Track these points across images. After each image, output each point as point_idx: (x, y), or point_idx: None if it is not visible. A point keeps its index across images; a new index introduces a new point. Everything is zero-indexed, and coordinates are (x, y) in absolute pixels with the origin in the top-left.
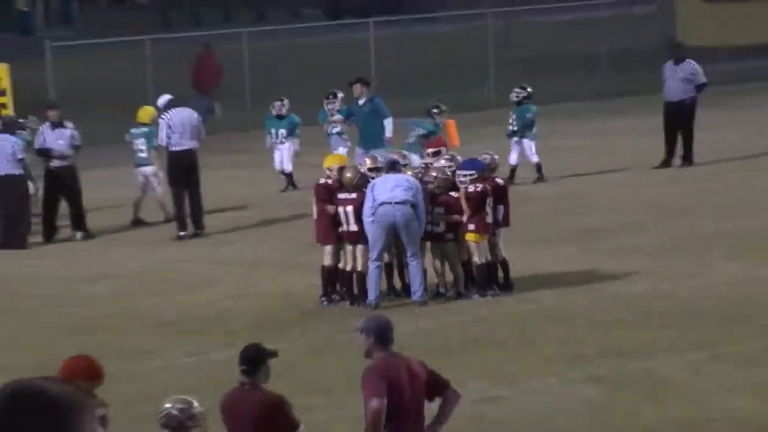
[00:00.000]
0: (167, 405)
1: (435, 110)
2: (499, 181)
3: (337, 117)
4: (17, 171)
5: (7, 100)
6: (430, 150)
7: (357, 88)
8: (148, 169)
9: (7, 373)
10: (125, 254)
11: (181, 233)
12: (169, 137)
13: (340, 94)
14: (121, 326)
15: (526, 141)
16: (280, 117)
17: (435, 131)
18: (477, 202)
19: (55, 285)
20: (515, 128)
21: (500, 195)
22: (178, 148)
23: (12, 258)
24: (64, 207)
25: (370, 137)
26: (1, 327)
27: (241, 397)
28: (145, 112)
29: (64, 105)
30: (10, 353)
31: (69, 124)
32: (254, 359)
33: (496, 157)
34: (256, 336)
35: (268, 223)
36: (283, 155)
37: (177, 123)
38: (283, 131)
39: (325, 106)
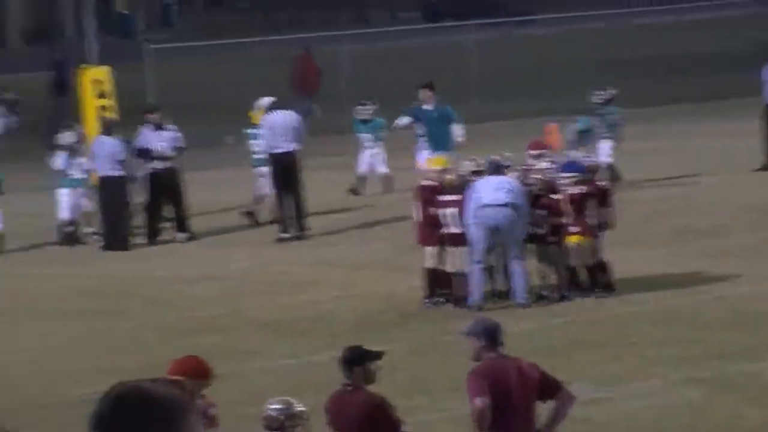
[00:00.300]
0: (268, 406)
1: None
2: (602, 183)
3: (404, 120)
4: (118, 172)
5: (110, 102)
6: (532, 152)
7: (424, 93)
8: (265, 170)
9: (115, 375)
10: (228, 256)
11: (284, 235)
12: (270, 139)
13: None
14: (225, 327)
15: (604, 142)
16: (364, 121)
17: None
18: (579, 204)
19: (159, 287)
20: (603, 130)
21: (604, 197)
22: (279, 151)
23: (116, 260)
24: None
25: (439, 141)
26: (108, 329)
27: (344, 398)
28: (260, 113)
29: (164, 108)
30: (118, 355)
31: (170, 126)
32: (350, 360)
33: (598, 159)
34: (358, 337)
35: (370, 225)
36: (375, 159)
37: (279, 125)
38: (369, 135)
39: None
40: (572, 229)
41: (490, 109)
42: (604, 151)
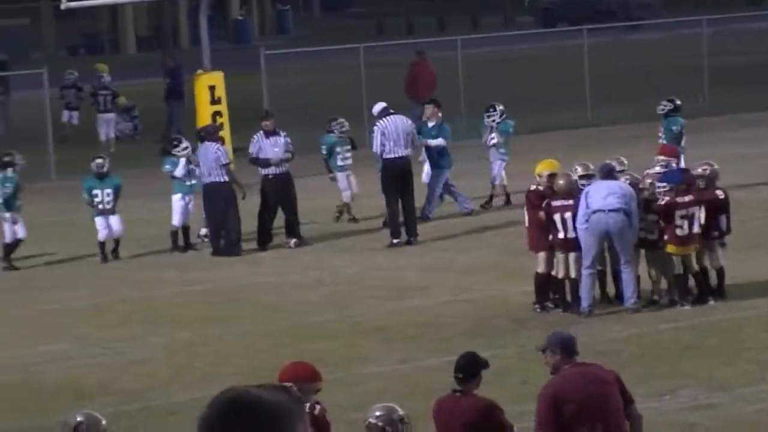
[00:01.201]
0: (371, 414)
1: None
2: (719, 192)
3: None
4: (222, 178)
5: (223, 108)
6: (661, 157)
7: (428, 110)
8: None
9: (224, 381)
10: (338, 261)
11: (395, 240)
12: (383, 145)
13: (500, 107)
14: (335, 333)
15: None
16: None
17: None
18: (663, 216)
19: (270, 292)
20: (664, 140)
21: (718, 206)
22: (392, 156)
23: (228, 265)
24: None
25: (439, 159)
26: (218, 335)
27: (453, 403)
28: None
29: (278, 113)
30: (230, 360)
31: (282, 132)
32: (470, 367)
33: (716, 167)
34: (468, 343)
35: (481, 230)
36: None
37: (391, 131)
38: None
39: (485, 119)
40: (665, 238)
41: (603, 112)
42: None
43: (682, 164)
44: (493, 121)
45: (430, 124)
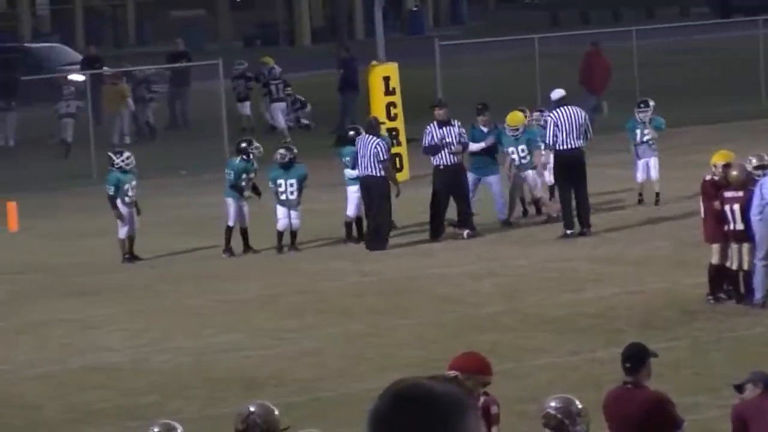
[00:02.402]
0: (548, 404)
1: None
2: None
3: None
4: (379, 172)
5: (397, 99)
6: None
7: (482, 119)
8: (529, 172)
9: (395, 372)
10: (510, 252)
11: (568, 231)
12: (555, 136)
13: (652, 103)
14: (507, 324)
15: None
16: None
17: None
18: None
19: (442, 283)
20: None
21: None
22: (565, 147)
23: (401, 256)
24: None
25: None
26: (390, 326)
27: (623, 395)
28: (515, 118)
29: (452, 104)
30: (402, 351)
31: (456, 122)
32: (637, 357)
33: None
34: (640, 334)
35: (655, 221)
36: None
37: (564, 122)
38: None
39: (636, 114)
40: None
41: None
42: None
43: None
44: (646, 117)
45: (485, 129)
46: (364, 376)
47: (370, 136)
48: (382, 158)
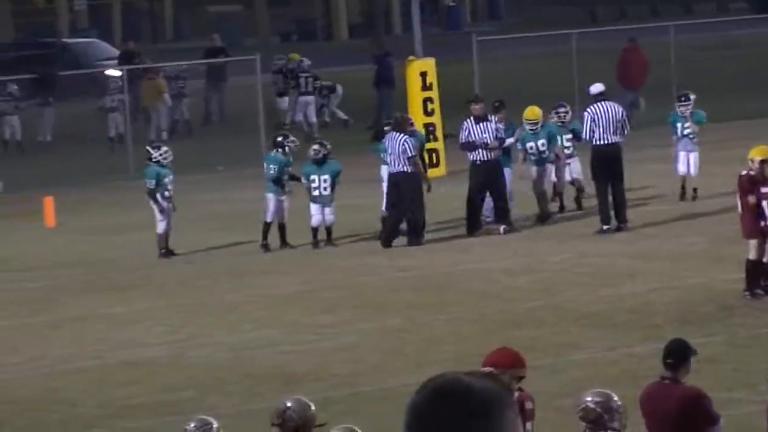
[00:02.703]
0: (586, 398)
1: None
2: None
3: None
4: (410, 168)
5: (434, 94)
6: None
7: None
8: (550, 166)
9: (431, 367)
10: (547, 248)
11: (604, 227)
12: (592, 131)
13: (692, 96)
14: (544, 319)
15: None
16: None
17: None
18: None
19: (479, 279)
20: None
21: None
22: (601, 143)
23: (437, 252)
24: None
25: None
26: (426, 321)
27: (660, 391)
28: (533, 112)
29: (488, 100)
30: (439, 346)
31: (492, 118)
32: (680, 353)
33: None
34: (677, 330)
35: (692, 217)
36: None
37: (601, 117)
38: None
39: (676, 108)
40: None
41: None
42: None
43: None
44: (687, 110)
45: (502, 127)
46: (400, 372)
47: (398, 134)
48: (410, 154)
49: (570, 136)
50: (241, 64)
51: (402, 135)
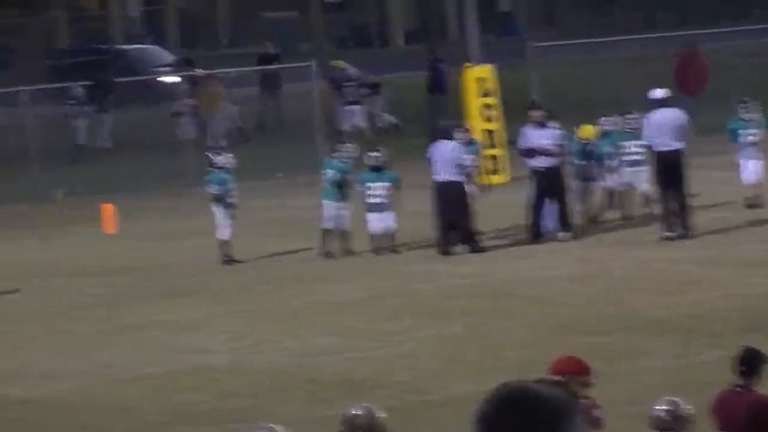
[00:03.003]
0: (655, 406)
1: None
2: None
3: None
4: (458, 177)
5: (494, 100)
6: None
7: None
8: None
9: (493, 374)
10: (610, 254)
11: (667, 234)
12: (654, 137)
13: (756, 102)
14: (609, 326)
15: None
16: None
17: None
18: None
19: (540, 286)
20: None
21: None
22: (662, 149)
23: (498, 259)
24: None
25: None
26: (487, 328)
27: (733, 399)
28: (586, 131)
29: (546, 106)
30: (501, 353)
31: (552, 124)
32: (754, 361)
33: None
34: (744, 337)
35: (757, 224)
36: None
37: (659, 123)
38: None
39: (739, 114)
40: None
41: None
42: None
43: None
44: (750, 116)
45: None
46: (463, 379)
47: (446, 141)
48: (465, 163)
49: (640, 142)
50: (297, 70)
51: (450, 143)
